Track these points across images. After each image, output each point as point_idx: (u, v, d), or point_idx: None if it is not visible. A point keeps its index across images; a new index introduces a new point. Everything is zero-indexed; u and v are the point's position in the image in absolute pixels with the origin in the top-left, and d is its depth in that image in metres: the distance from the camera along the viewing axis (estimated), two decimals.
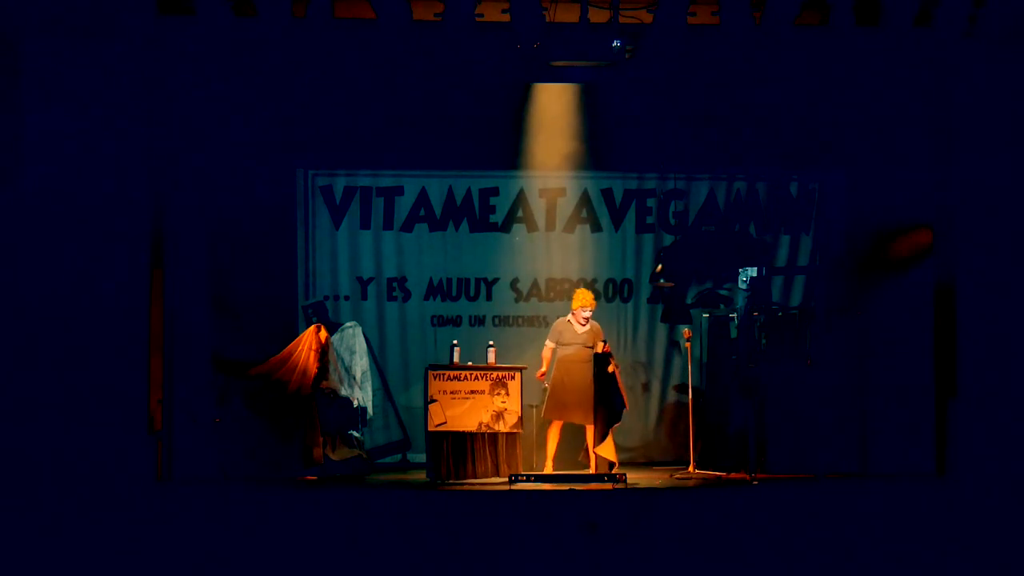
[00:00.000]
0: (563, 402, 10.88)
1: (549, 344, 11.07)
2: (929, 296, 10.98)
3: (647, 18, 10.23)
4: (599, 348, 10.83)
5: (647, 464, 12.05)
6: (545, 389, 11.06)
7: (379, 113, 11.84)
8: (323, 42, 10.23)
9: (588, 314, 10.96)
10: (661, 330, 12.54)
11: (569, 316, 11.07)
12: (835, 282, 12.17)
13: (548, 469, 10.92)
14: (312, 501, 9.27)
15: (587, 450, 10.88)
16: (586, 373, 10.82)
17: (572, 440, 11.14)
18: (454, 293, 12.40)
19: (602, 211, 12.55)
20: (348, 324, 11.31)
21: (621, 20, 10.27)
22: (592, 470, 10.70)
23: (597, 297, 12.37)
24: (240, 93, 11.27)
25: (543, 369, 11.02)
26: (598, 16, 10.23)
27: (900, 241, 11.57)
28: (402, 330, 12.35)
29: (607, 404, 10.64)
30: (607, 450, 10.68)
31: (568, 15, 10.27)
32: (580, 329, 10.97)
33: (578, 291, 11.17)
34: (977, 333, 10.45)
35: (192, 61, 10.59)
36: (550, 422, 11.05)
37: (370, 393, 11.26)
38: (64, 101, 10.09)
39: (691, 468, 11.10)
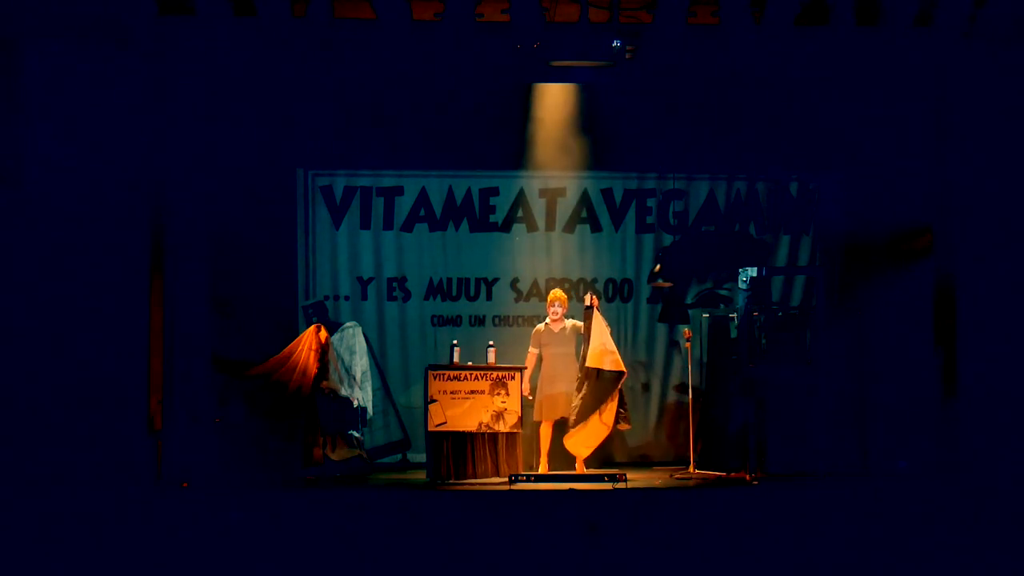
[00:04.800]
0: (550, 398, 10.93)
1: (532, 351, 11.11)
2: (929, 296, 10.99)
3: (647, 18, 10.24)
4: (587, 301, 10.88)
5: (647, 464, 12.05)
6: (532, 397, 11.09)
7: (379, 113, 11.86)
8: (323, 42, 10.24)
9: (559, 308, 11.03)
10: (661, 330, 12.53)
11: (545, 320, 11.12)
12: (835, 282, 12.17)
13: (543, 468, 10.94)
14: (312, 501, 9.27)
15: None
16: (570, 366, 10.90)
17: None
18: (454, 293, 12.41)
19: (602, 211, 12.54)
20: (348, 324, 11.30)
21: (621, 20, 10.28)
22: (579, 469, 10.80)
23: (597, 297, 12.41)
24: (240, 93, 11.29)
25: (526, 385, 11.00)
26: (598, 16, 10.24)
27: (900, 241, 11.58)
28: (402, 330, 12.34)
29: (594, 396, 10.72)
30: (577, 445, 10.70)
31: (568, 15, 10.28)
32: (557, 328, 11.03)
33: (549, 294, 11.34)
34: (977, 333, 10.47)
35: (192, 61, 10.61)
36: (540, 422, 11.10)
37: (370, 393, 11.26)
38: (64, 101, 10.11)
39: (691, 468, 11.11)
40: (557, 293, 11.24)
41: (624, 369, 10.70)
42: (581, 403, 10.63)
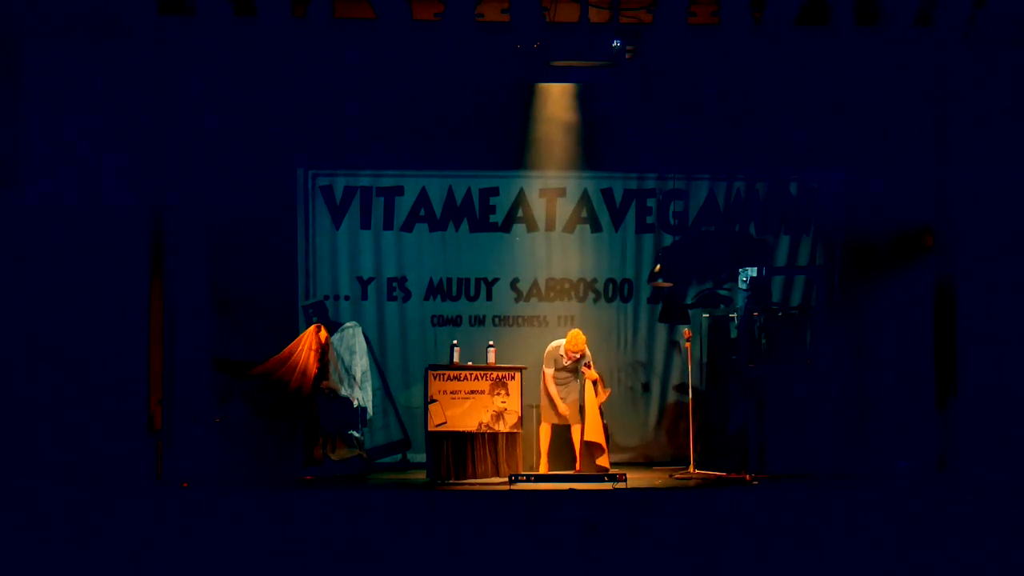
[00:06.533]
0: (555, 408, 10.99)
1: (547, 371, 11.04)
2: (929, 296, 11.00)
3: (647, 18, 10.24)
4: (585, 374, 10.94)
5: (647, 464, 12.05)
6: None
7: (379, 113, 11.85)
8: (323, 42, 10.25)
9: (577, 357, 10.94)
10: (661, 330, 12.53)
11: (561, 348, 11.01)
12: (835, 282, 12.17)
13: (543, 467, 10.95)
14: (312, 501, 9.27)
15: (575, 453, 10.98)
16: (570, 381, 11.01)
17: (566, 437, 11.15)
18: (454, 293, 12.40)
19: (602, 211, 12.54)
20: (348, 324, 11.31)
21: (621, 20, 10.29)
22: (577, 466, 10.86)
23: (597, 298, 12.43)
24: (240, 93, 11.29)
25: (545, 401, 11.04)
26: (598, 16, 10.25)
27: (900, 241, 11.58)
28: (402, 330, 12.34)
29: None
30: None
31: (568, 15, 10.28)
32: (569, 363, 11.01)
33: (572, 332, 11.00)
34: (977, 333, 10.47)
35: (192, 61, 10.61)
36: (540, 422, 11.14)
37: (370, 393, 11.27)
38: (65, 101, 10.13)
39: (691, 468, 11.11)
40: (581, 342, 10.93)
41: (608, 466, 10.80)
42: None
